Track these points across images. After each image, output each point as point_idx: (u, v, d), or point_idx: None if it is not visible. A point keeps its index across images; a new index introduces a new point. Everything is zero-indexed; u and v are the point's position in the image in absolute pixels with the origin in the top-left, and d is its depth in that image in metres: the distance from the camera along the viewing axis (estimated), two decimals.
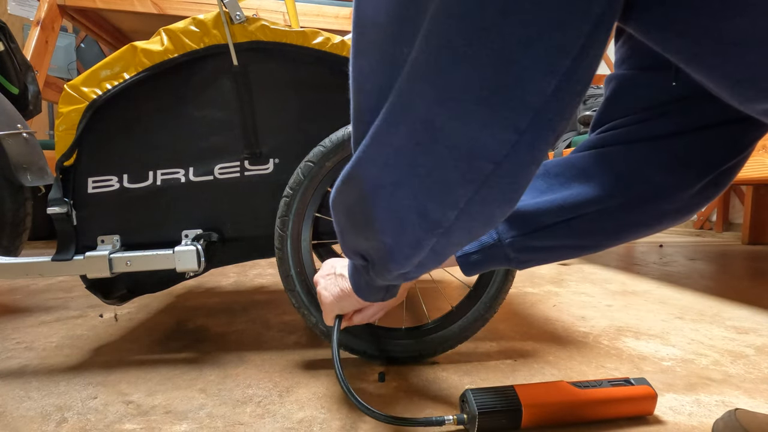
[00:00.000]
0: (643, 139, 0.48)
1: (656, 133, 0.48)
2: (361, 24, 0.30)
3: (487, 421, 0.57)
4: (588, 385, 0.63)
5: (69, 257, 0.77)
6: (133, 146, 0.79)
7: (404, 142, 0.30)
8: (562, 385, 0.62)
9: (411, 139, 0.29)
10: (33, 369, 0.82)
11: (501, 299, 0.81)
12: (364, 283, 0.53)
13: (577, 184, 0.51)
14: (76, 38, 3.22)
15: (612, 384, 0.63)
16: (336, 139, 0.75)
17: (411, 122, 0.29)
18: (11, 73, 1.26)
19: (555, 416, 0.60)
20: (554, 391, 0.61)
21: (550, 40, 0.23)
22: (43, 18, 2.07)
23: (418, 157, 0.30)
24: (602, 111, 0.53)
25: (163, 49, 0.76)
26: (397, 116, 0.30)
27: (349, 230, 0.42)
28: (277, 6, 2.30)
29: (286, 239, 0.77)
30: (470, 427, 0.58)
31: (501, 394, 0.60)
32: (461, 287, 1.47)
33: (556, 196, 0.51)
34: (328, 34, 0.80)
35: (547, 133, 0.27)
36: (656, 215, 0.50)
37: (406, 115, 0.29)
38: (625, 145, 0.50)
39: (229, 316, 1.14)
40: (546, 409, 0.60)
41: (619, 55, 0.51)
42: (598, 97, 2.14)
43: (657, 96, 0.47)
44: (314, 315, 0.79)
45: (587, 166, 0.51)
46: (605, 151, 0.51)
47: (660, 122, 0.48)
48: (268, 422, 0.63)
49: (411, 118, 0.29)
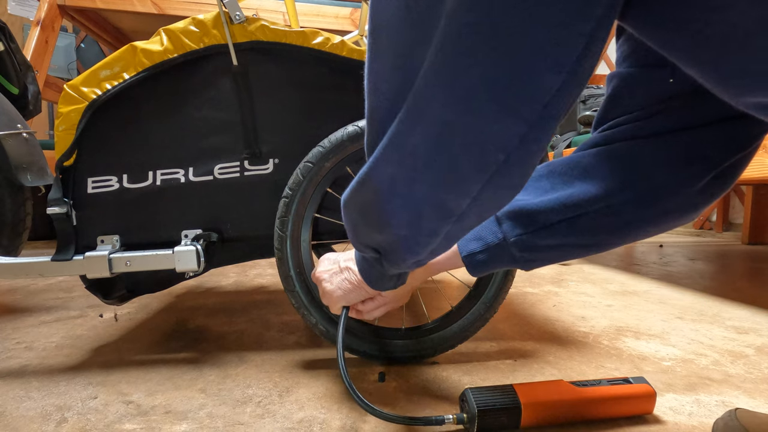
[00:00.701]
0: (645, 135, 0.49)
1: (658, 129, 0.48)
2: (377, 27, 0.32)
3: (487, 420, 0.58)
4: (587, 384, 0.63)
5: (69, 257, 0.77)
6: (133, 146, 0.79)
7: (420, 140, 0.32)
8: (562, 384, 0.62)
9: (427, 138, 0.31)
10: (33, 369, 0.82)
11: (501, 299, 0.81)
12: (377, 274, 0.54)
13: (580, 182, 0.51)
14: (76, 38, 3.22)
15: (611, 383, 0.63)
16: (335, 140, 0.75)
17: (427, 122, 0.31)
18: (11, 73, 1.26)
19: (554, 415, 0.60)
20: (554, 390, 0.61)
21: (557, 40, 0.25)
22: (43, 18, 2.07)
23: (435, 154, 0.32)
24: (604, 109, 0.53)
25: (163, 49, 0.76)
26: (414, 117, 0.31)
27: (362, 226, 0.43)
28: (277, 6, 2.30)
29: (285, 239, 0.77)
30: (470, 427, 0.58)
31: (500, 392, 0.60)
32: (461, 287, 1.47)
33: (559, 194, 0.52)
34: (327, 34, 0.80)
35: (552, 123, 0.29)
36: (660, 213, 0.50)
37: (422, 116, 0.31)
38: (627, 143, 0.50)
39: (229, 316, 1.14)
40: (545, 408, 0.60)
41: (620, 53, 0.51)
42: (598, 97, 2.14)
43: (658, 93, 0.48)
44: (314, 315, 0.79)
45: (591, 164, 0.51)
46: (608, 149, 0.51)
47: (662, 119, 0.48)
48: (268, 422, 0.63)
49: (427, 117, 0.30)
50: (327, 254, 0.69)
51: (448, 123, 0.30)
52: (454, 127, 0.30)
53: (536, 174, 0.56)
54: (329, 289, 0.64)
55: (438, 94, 0.29)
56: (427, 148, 0.32)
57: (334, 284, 0.64)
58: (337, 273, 0.64)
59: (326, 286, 0.65)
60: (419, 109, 0.31)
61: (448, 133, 0.30)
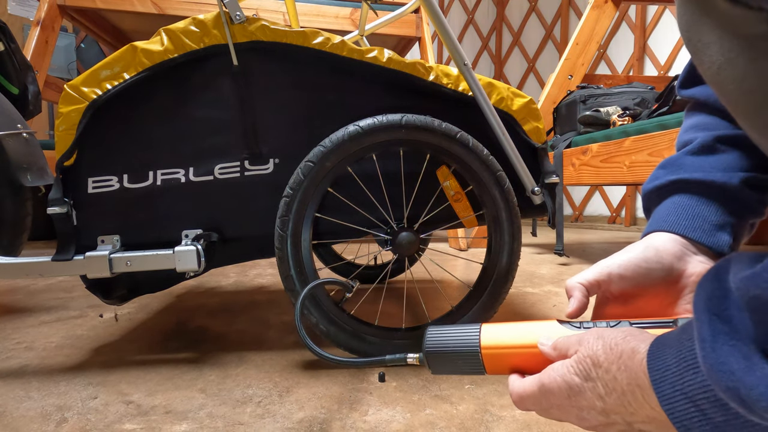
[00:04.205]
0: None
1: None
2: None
3: (439, 364, 0.46)
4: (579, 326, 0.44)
5: (69, 257, 0.77)
6: (133, 146, 0.79)
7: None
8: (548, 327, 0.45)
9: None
10: (33, 369, 0.82)
11: (501, 299, 0.81)
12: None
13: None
14: (76, 38, 3.22)
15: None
16: (336, 139, 0.75)
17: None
18: (11, 73, 1.26)
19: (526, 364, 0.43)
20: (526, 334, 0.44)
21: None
22: (43, 18, 2.07)
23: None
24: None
25: (163, 49, 0.76)
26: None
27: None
28: (277, 6, 2.30)
29: (286, 239, 0.77)
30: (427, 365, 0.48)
31: (461, 334, 0.46)
32: (461, 287, 1.47)
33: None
34: (328, 34, 0.80)
35: None
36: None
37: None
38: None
39: (229, 316, 1.14)
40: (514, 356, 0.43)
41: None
42: (598, 97, 2.14)
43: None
44: (314, 315, 0.79)
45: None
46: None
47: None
48: (268, 422, 0.63)
49: None
50: (590, 340, 0.35)
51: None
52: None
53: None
54: (557, 386, 0.35)
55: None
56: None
57: (582, 393, 0.34)
58: (605, 373, 0.32)
59: (558, 380, 0.35)
60: None
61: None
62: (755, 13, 0.24)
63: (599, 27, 2.50)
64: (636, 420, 0.31)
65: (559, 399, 0.35)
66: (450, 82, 0.85)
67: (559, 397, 0.35)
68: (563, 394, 0.34)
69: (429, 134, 0.78)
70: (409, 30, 2.47)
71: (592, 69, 3.93)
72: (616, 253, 0.43)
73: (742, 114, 0.30)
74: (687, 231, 0.42)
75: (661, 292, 0.41)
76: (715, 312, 0.26)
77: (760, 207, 0.42)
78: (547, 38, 4.34)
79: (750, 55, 0.26)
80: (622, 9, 3.76)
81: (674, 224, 0.42)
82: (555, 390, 0.35)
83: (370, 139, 0.77)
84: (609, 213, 3.99)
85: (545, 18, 4.34)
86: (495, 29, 4.50)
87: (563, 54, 2.54)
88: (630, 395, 0.30)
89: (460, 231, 2.37)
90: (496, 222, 0.82)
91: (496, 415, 0.65)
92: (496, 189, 0.80)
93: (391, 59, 0.82)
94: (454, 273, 1.76)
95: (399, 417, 0.65)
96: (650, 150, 1.47)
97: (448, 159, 0.81)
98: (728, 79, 0.28)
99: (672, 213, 0.43)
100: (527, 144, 0.89)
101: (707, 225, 0.42)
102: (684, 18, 0.30)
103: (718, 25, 0.27)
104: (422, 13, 2.46)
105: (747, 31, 0.25)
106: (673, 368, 0.28)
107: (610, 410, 0.32)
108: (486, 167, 0.80)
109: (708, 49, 0.28)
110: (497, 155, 0.81)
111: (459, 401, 0.69)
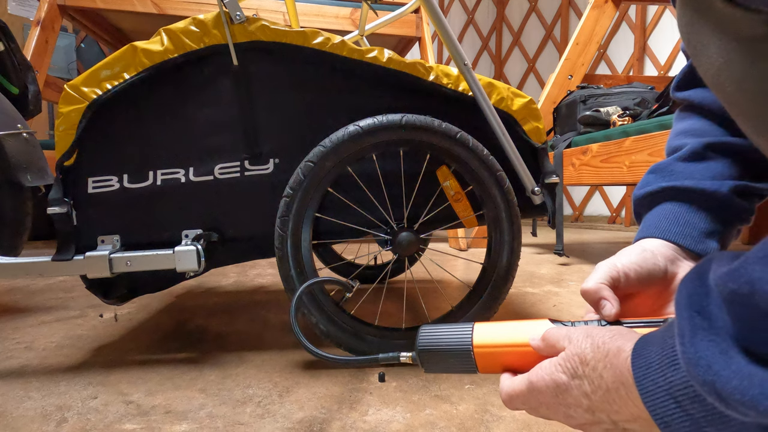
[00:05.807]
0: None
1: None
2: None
3: (432, 362, 0.46)
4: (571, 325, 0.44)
5: (69, 257, 0.77)
6: (133, 146, 0.79)
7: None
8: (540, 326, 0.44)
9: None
10: (33, 369, 0.82)
11: (501, 299, 0.81)
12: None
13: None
14: (76, 38, 3.22)
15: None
16: (336, 139, 0.75)
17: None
18: (11, 73, 1.26)
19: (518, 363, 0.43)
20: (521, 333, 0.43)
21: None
22: (43, 18, 2.07)
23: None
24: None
25: (164, 49, 0.76)
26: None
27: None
28: (277, 6, 2.30)
29: (286, 239, 0.77)
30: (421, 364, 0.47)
31: (453, 332, 0.45)
32: (461, 287, 1.47)
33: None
34: (328, 34, 0.80)
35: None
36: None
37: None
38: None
39: (229, 316, 1.14)
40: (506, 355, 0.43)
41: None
42: (598, 97, 2.14)
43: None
44: (314, 315, 0.79)
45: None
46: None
47: None
48: (268, 422, 0.63)
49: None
50: (579, 340, 0.34)
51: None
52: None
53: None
54: (544, 385, 0.35)
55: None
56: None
57: (565, 393, 0.34)
58: (589, 379, 0.33)
59: (546, 378, 0.35)
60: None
61: None
62: (754, 14, 0.24)
63: (599, 27, 2.50)
64: (621, 418, 0.31)
65: (547, 397, 0.35)
66: (450, 82, 0.85)
67: (546, 395, 0.35)
68: (551, 392, 0.34)
69: (429, 134, 0.78)
70: (409, 30, 2.47)
71: (592, 69, 3.93)
72: (615, 256, 0.43)
73: (741, 115, 0.30)
74: (677, 238, 0.43)
75: (655, 293, 0.42)
76: (695, 309, 0.26)
77: (746, 215, 0.43)
78: (547, 38, 4.34)
79: (749, 57, 0.26)
80: (622, 9, 3.76)
81: (666, 231, 0.43)
82: (543, 388, 0.35)
83: (370, 139, 0.77)
84: (609, 213, 3.99)
85: (545, 18, 4.34)
86: (495, 29, 4.50)
87: (563, 54, 2.54)
88: (615, 393, 0.30)
89: (460, 231, 2.37)
90: (496, 222, 0.82)
91: (496, 415, 0.65)
92: (496, 189, 0.80)
93: (391, 59, 0.82)
94: (454, 273, 1.76)
95: (399, 417, 0.65)
96: (650, 150, 1.47)
97: (448, 159, 0.81)
98: (728, 81, 0.28)
99: (663, 220, 0.44)
100: (527, 144, 0.89)
101: (696, 233, 0.43)
102: (684, 19, 0.31)
103: (717, 26, 0.28)
104: (422, 13, 2.46)
105: (746, 33, 0.26)
106: (655, 365, 0.28)
107: (596, 408, 0.32)
108: (486, 167, 0.80)
109: (707, 51, 0.29)
110: (497, 155, 0.81)
111: (459, 401, 0.69)
